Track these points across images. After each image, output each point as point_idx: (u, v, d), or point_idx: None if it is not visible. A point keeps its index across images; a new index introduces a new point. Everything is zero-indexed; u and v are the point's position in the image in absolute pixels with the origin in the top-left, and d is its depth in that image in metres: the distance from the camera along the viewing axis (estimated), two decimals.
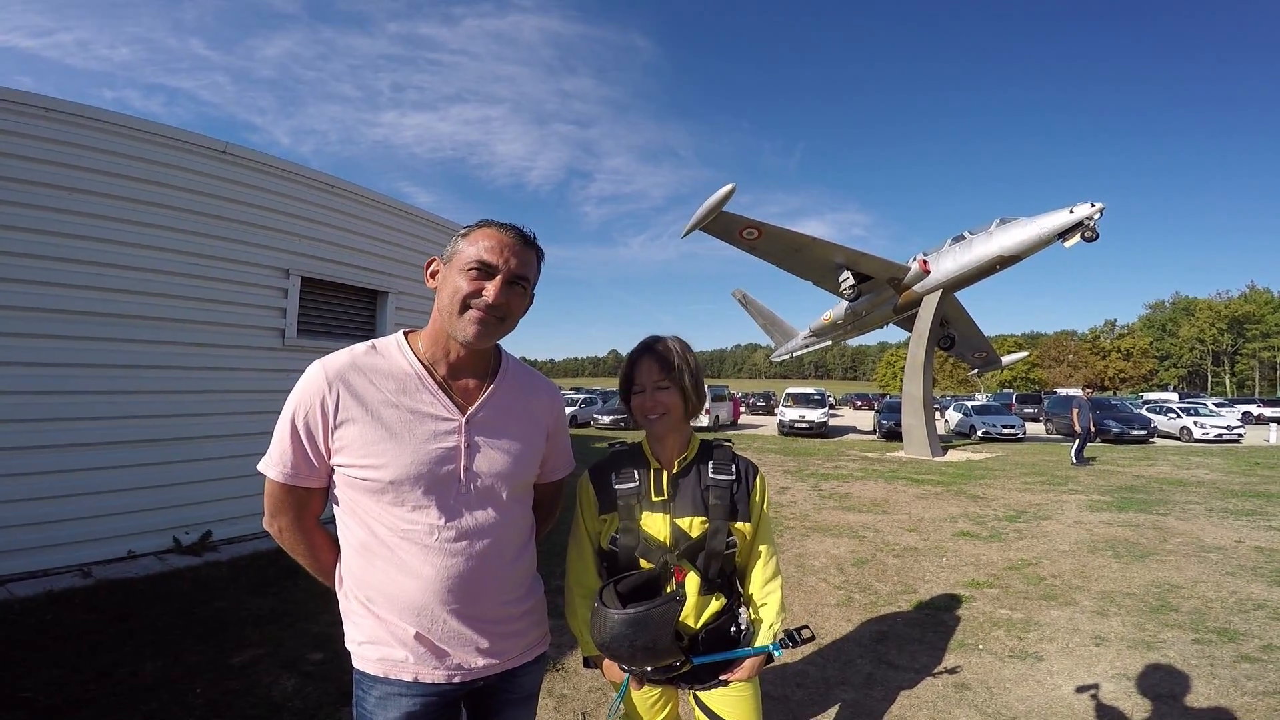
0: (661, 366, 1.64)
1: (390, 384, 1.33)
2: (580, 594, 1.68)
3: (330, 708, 3.02)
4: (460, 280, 1.31)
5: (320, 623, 4.00)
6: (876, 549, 6.35)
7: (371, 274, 7.32)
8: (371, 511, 1.31)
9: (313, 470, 1.33)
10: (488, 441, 1.38)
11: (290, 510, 1.38)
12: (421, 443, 1.31)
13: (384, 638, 1.32)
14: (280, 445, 1.32)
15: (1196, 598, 4.87)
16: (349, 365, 1.33)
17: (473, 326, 1.31)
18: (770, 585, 1.69)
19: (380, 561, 1.31)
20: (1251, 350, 78.10)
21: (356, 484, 1.31)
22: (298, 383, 1.34)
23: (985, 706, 3.20)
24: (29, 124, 4.82)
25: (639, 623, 1.42)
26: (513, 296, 1.34)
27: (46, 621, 3.93)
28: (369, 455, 1.28)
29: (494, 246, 1.32)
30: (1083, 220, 14.05)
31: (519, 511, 1.45)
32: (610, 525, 1.65)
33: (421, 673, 1.32)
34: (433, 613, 1.31)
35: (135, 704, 2.98)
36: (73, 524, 5.00)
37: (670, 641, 1.47)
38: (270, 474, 1.34)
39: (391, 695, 1.32)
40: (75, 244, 5.04)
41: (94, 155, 5.15)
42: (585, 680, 3.36)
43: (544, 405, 1.53)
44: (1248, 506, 8.69)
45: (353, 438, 1.29)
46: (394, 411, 1.31)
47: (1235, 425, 21.73)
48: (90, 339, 5.13)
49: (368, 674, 1.34)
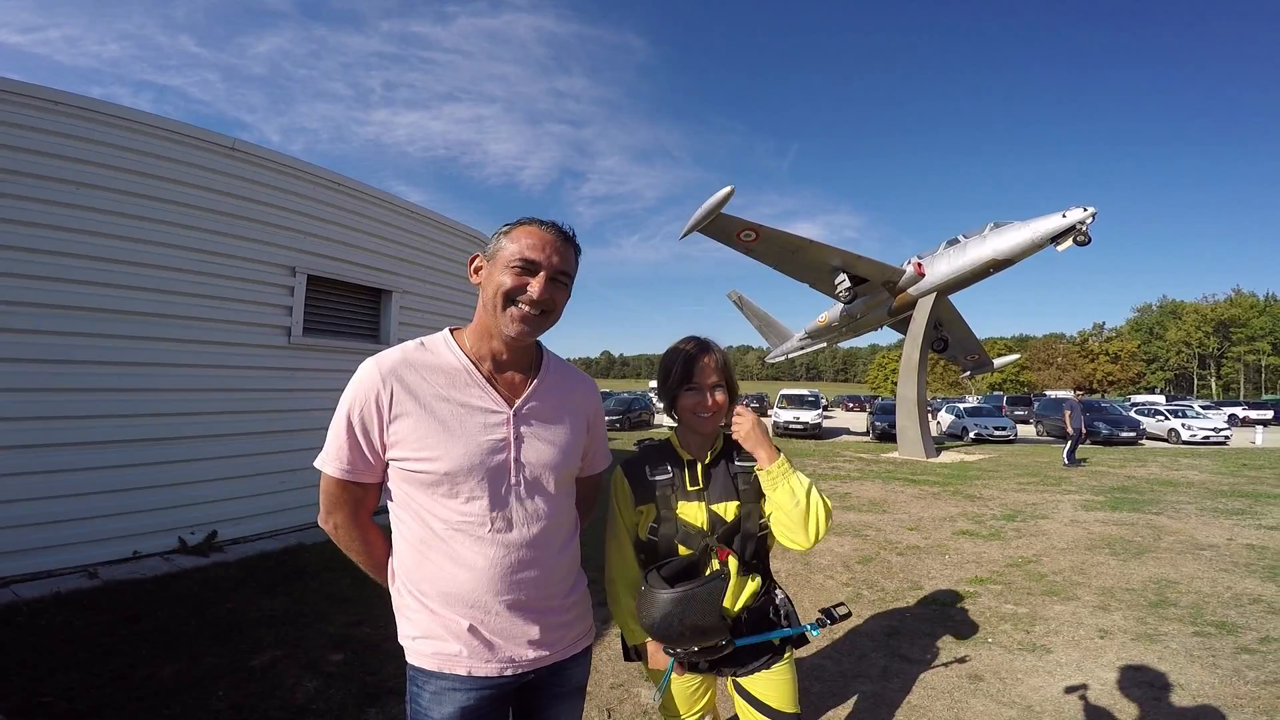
0: (719, 368, 1.70)
1: (441, 379, 1.37)
2: (623, 585, 1.73)
3: (354, 709, 3.02)
4: (504, 276, 1.34)
5: (335, 623, 4.01)
6: (880, 547, 6.43)
7: (376, 272, 7.32)
8: (425, 505, 1.35)
9: (368, 466, 1.37)
10: (535, 433, 1.41)
11: (346, 506, 1.42)
12: (473, 435, 1.34)
13: (438, 632, 1.35)
14: (336, 441, 1.35)
15: (1194, 593, 4.98)
16: (401, 361, 1.36)
17: (517, 322, 1.35)
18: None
19: (434, 554, 1.34)
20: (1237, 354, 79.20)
21: (411, 477, 1.34)
22: (351, 380, 1.37)
23: (1000, 696, 3.27)
24: (36, 117, 4.78)
25: (687, 601, 1.47)
26: (555, 291, 1.38)
27: (56, 624, 3.89)
28: (424, 448, 1.32)
29: (536, 244, 1.35)
30: (1075, 224, 14.23)
31: (565, 503, 1.49)
32: (646, 516, 1.71)
33: (475, 666, 1.35)
34: (485, 604, 1.34)
35: (158, 707, 2.97)
36: (77, 524, 4.96)
37: (717, 619, 1.52)
38: (327, 470, 1.37)
39: (446, 690, 1.35)
40: (80, 239, 5.00)
41: (101, 149, 5.11)
42: (607, 677, 3.40)
43: (584, 398, 1.57)
44: (1237, 506, 8.85)
45: (407, 431, 1.32)
46: (446, 405, 1.35)
47: (1222, 427, 22.06)
48: (94, 335, 5.09)
49: (422, 669, 1.37)
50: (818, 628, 1.68)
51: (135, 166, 5.30)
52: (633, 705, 3.15)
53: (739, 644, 1.62)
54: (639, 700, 3.18)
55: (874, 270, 17.12)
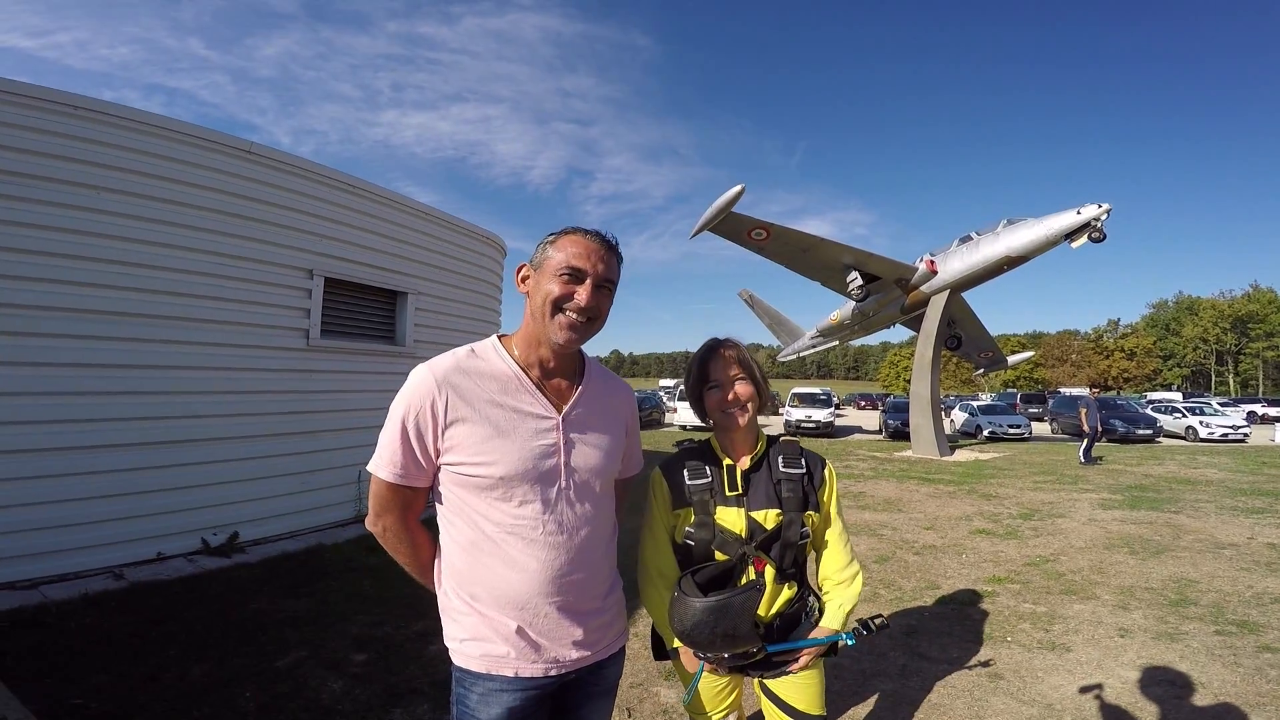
0: (737, 360, 1.70)
1: (493, 385, 1.40)
2: (661, 583, 1.70)
3: (380, 709, 3.06)
4: (552, 285, 1.37)
5: (358, 623, 4.06)
6: (896, 546, 6.42)
7: (392, 274, 7.40)
8: (479, 509, 1.38)
9: (420, 471, 1.40)
10: (582, 438, 1.45)
11: (396, 510, 1.44)
12: (526, 440, 1.38)
13: (486, 634, 1.38)
14: (390, 446, 1.38)
15: (1214, 592, 4.94)
16: (454, 368, 1.39)
17: (565, 330, 1.38)
18: (849, 570, 1.74)
19: (487, 557, 1.37)
20: (1255, 350, 77.95)
21: (466, 481, 1.37)
22: (404, 385, 1.40)
23: (1020, 694, 3.27)
24: (55, 121, 4.85)
25: (721, 610, 1.47)
26: (601, 299, 1.42)
27: (86, 625, 3.96)
28: (480, 453, 1.35)
29: (582, 252, 1.39)
30: (1090, 221, 14.09)
31: (609, 506, 1.53)
32: (684, 520, 1.70)
33: (521, 668, 1.38)
34: (535, 606, 1.37)
35: (188, 708, 3.02)
36: (102, 525, 5.06)
37: (750, 628, 1.52)
38: (380, 474, 1.39)
39: (494, 691, 1.37)
40: (101, 243, 5.08)
41: (119, 153, 5.18)
42: (627, 676, 3.41)
43: (623, 403, 1.61)
44: (1258, 504, 8.75)
45: (463, 437, 1.35)
46: (499, 411, 1.38)
47: (1241, 425, 21.73)
48: (116, 339, 5.17)
49: (470, 671, 1.39)
50: (854, 637, 1.65)
51: (154, 170, 5.37)
52: (653, 704, 3.17)
53: (770, 650, 1.62)
54: (659, 699, 3.21)
55: (886, 268, 17.05)
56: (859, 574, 1.75)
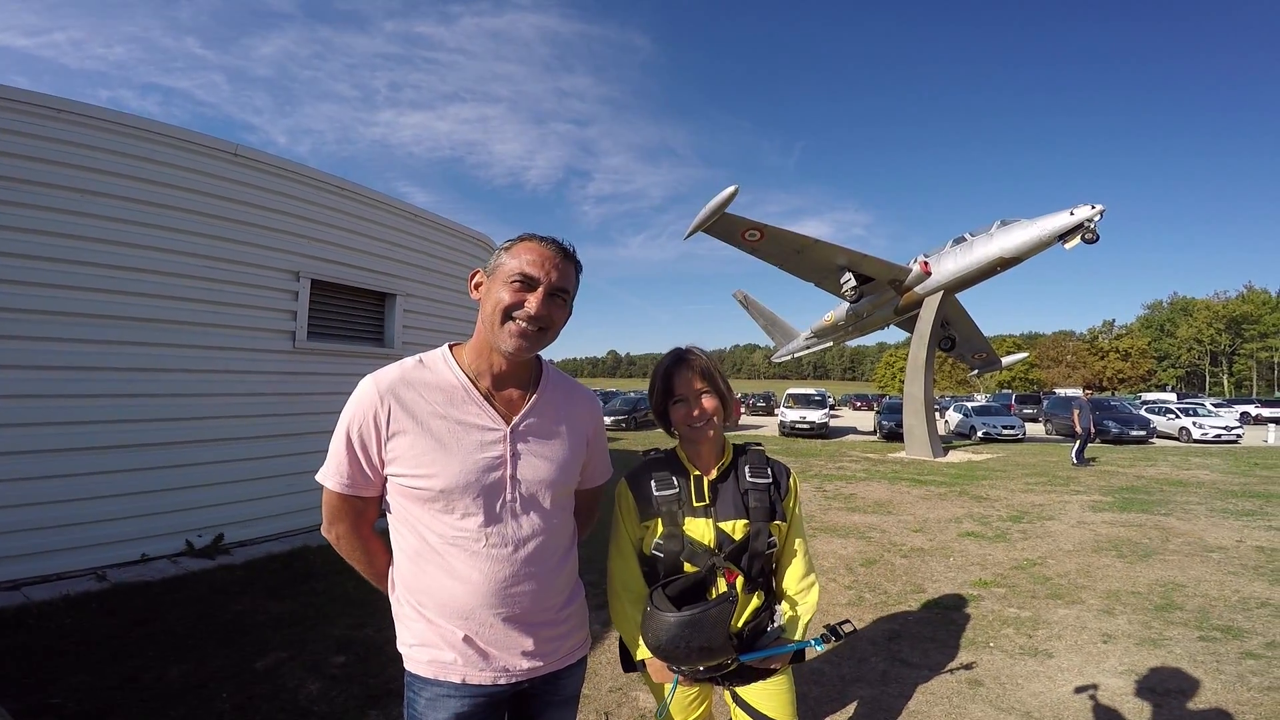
0: (700, 373, 1.69)
1: (438, 396, 1.38)
2: (628, 599, 1.68)
3: (356, 711, 3.06)
4: (503, 292, 1.36)
5: (340, 625, 4.05)
6: (884, 549, 6.41)
7: (380, 276, 7.37)
8: (422, 519, 1.37)
9: (368, 480, 1.39)
10: (532, 450, 1.42)
11: (347, 518, 1.45)
12: (469, 453, 1.36)
13: (434, 640, 1.38)
14: (336, 457, 1.38)
15: (1200, 596, 4.94)
16: (399, 380, 1.39)
17: (514, 338, 1.36)
18: (806, 581, 1.74)
19: (431, 567, 1.37)
20: (1249, 350, 78.34)
21: (408, 493, 1.37)
22: (351, 397, 1.39)
23: (999, 702, 3.26)
24: (39, 125, 4.82)
25: (695, 624, 1.46)
26: (553, 308, 1.39)
27: (66, 626, 3.95)
28: (420, 465, 1.34)
29: (536, 260, 1.37)
30: (1083, 222, 14.14)
31: (562, 518, 1.50)
32: (652, 532, 1.68)
33: (469, 674, 1.37)
34: (480, 616, 1.36)
35: (164, 709, 3.01)
36: (86, 527, 5.03)
37: (724, 641, 1.51)
38: (328, 484, 1.40)
39: (441, 697, 1.38)
40: (86, 246, 5.05)
41: (105, 156, 5.16)
42: (606, 681, 3.41)
43: (584, 414, 1.57)
44: (1248, 507, 8.76)
45: (404, 449, 1.35)
46: (442, 423, 1.36)
47: (1234, 426, 21.82)
48: (102, 342, 5.15)
49: (419, 675, 1.40)
50: (821, 643, 1.64)
51: (139, 173, 5.35)
52: (631, 709, 3.16)
53: (743, 659, 1.61)
54: (637, 704, 3.20)
55: (880, 269, 17.06)
56: (815, 584, 1.76)
